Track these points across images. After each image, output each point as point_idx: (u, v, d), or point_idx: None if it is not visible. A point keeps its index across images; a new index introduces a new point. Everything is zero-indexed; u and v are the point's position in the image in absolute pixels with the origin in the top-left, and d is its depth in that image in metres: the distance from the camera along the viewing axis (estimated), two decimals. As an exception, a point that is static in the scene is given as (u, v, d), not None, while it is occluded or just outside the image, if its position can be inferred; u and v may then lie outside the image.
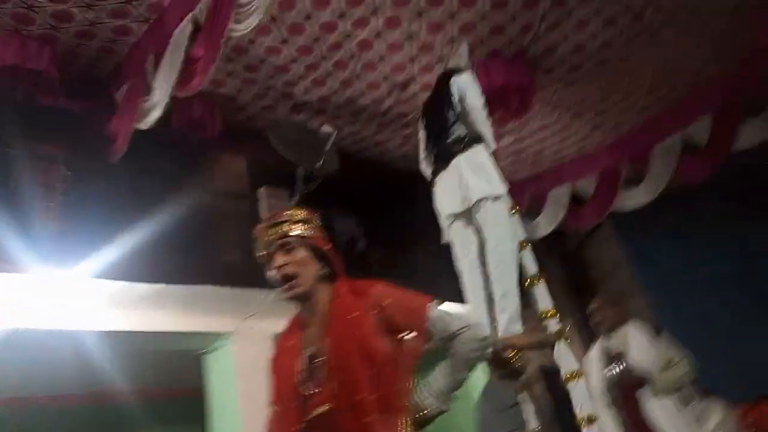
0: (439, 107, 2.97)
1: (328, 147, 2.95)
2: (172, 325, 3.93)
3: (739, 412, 3.92)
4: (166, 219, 3.67)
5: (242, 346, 4.12)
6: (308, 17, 3.74)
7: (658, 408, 3.01)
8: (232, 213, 4.44)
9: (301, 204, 3.27)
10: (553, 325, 2.41)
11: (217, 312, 4.07)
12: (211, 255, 4.16)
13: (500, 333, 2.44)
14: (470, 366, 1.66)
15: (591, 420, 2.36)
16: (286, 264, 1.66)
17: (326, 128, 3.10)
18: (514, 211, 2.72)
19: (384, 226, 5.90)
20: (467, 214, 2.72)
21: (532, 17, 4.08)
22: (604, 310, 3.40)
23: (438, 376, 1.64)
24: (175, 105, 3.70)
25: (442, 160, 2.85)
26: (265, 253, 1.72)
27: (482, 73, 4.09)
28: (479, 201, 2.63)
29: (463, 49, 3.41)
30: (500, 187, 2.70)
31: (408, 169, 6.03)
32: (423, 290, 1.71)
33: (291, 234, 1.71)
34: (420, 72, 4.45)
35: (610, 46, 4.49)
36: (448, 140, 2.82)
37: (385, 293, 1.66)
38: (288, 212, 1.78)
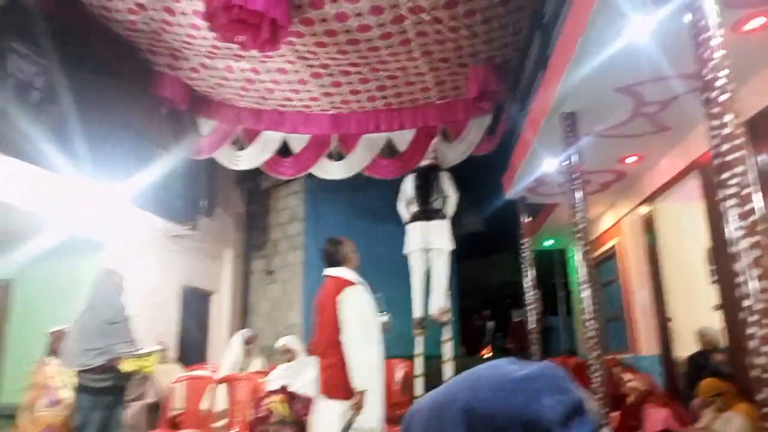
0: (427, 182, 5.40)
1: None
2: None
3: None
4: None
5: None
6: None
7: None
8: None
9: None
10: (447, 317, 5.27)
11: None
12: None
13: (431, 312, 5.24)
14: None
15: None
16: None
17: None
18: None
19: (75, 80, 5.18)
20: (425, 250, 5.29)
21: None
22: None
23: None
24: None
25: (424, 217, 5.31)
26: None
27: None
28: (438, 249, 5.26)
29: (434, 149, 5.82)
30: (451, 246, 5.31)
31: (122, 41, 5.41)
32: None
33: None
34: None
35: (368, 30, 4.77)
36: (431, 206, 5.31)
37: None
38: None
